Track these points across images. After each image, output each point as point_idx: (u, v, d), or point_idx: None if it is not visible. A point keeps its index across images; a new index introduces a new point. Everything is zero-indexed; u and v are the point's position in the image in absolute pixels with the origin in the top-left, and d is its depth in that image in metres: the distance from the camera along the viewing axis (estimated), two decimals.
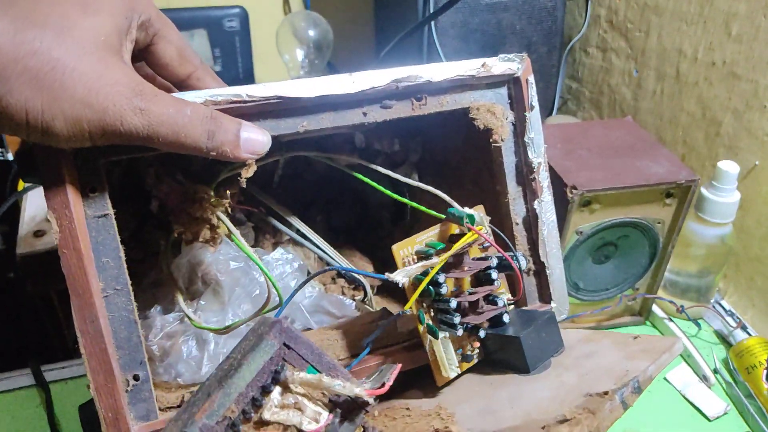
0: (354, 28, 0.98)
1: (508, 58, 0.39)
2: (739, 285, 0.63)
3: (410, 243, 0.35)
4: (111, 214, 0.31)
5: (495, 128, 0.39)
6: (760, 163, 0.58)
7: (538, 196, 0.40)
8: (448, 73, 0.36)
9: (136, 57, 0.32)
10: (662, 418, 0.50)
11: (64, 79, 0.25)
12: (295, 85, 0.33)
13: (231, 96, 0.32)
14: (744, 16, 0.59)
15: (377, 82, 0.35)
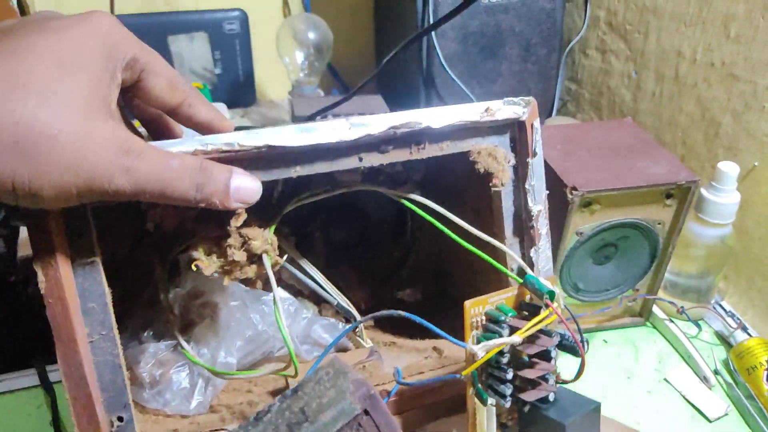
0: (354, 31, 0.99)
1: (514, 102, 0.37)
2: (739, 286, 0.63)
3: (482, 302, 0.35)
4: (97, 260, 0.31)
5: (496, 172, 0.37)
6: (759, 164, 0.59)
7: (536, 244, 0.39)
8: (449, 119, 0.35)
9: (126, 92, 0.32)
10: (662, 419, 0.50)
11: (50, 146, 0.25)
12: (289, 134, 0.32)
13: (222, 145, 0.31)
14: (742, 17, 0.59)
15: (374, 129, 0.33)
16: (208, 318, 0.40)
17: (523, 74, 0.82)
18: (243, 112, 0.91)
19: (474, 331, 0.35)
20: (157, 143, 0.30)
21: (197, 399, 0.38)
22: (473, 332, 0.35)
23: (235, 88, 0.92)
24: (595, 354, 0.57)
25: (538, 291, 0.35)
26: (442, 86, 0.79)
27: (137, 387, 0.38)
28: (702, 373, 0.53)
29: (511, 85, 0.82)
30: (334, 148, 0.33)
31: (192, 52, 0.88)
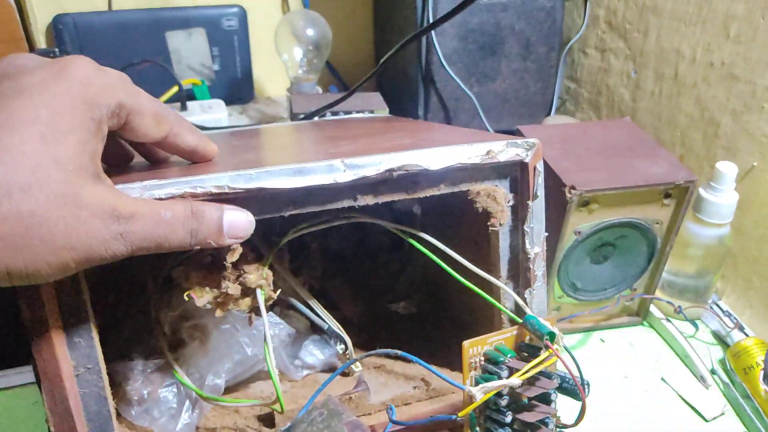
0: (353, 28, 0.98)
1: (517, 144, 0.36)
2: (736, 286, 0.63)
3: (481, 342, 0.34)
4: (84, 297, 0.30)
5: (494, 212, 0.36)
6: (758, 165, 0.59)
7: (530, 285, 0.38)
8: (448, 161, 0.33)
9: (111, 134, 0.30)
10: (659, 419, 0.50)
11: (41, 232, 0.24)
12: (282, 176, 0.31)
13: (212, 188, 0.30)
14: (742, 17, 0.59)
15: (370, 171, 0.32)
16: (198, 340, 0.40)
17: (522, 73, 0.82)
18: (241, 109, 0.91)
19: (472, 372, 0.35)
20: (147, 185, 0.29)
21: (184, 420, 0.38)
22: (471, 373, 0.35)
23: (233, 85, 0.92)
24: (593, 353, 0.57)
25: (538, 332, 0.34)
26: (441, 84, 0.79)
27: (125, 404, 0.38)
28: (699, 373, 0.53)
29: (510, 83, 0.82)
30: (329, 188, 0.32)
31: (190, 48, 0.88)
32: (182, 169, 0.33)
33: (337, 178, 0.32)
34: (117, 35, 0.83)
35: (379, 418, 0.39)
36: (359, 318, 0.49)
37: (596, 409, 0.50)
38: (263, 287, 0.34)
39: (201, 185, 0.30)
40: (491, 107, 0.82)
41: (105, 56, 0.83)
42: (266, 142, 0.48)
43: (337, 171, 0.32)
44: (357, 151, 0.36)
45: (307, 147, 0.42)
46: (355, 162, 0.32)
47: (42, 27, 0.84)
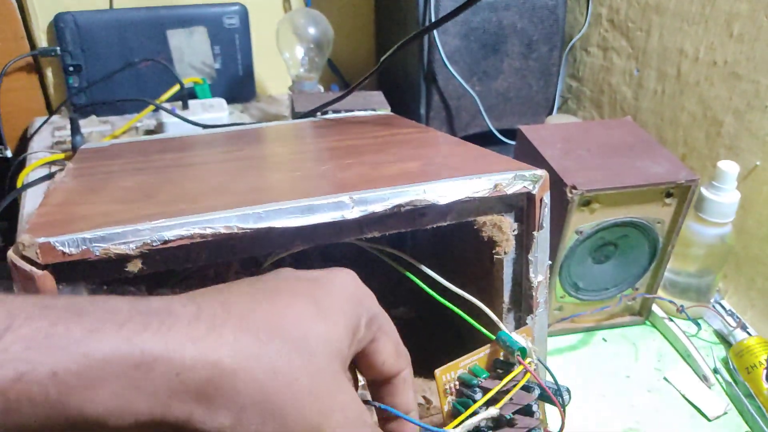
0: (354, 26, 0.98)
1: (525, 178, 0.36)
2: (739, 285, 0.63)
3: (454, 368, 0.34)
4: None
5: (499, 241, 0.37)
6: (761, 164, 0.58)
7: (533, 312, 0.39)
8: (456, 195, 0.34)
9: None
10: (662, 418, 0.50)
11: (296, 401, 0.22)
12: (290, 215, 0.31)
13: (221, 228, 0.29)
14: (746, 16, 0.59)
15: (378, 207, 0.32)
16: None
17: (524, 71, 0.82)
18: (242, 108, 0.91)
19: (449, 398, 0.35)
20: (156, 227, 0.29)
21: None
22: (448, 398, 0.35)
23: (235, 83, 0.92)
24: (595, 353, 0.57)
25: (510, 348, 0.35)
26: (443, 82, 0.79)
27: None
28: (701, 372, 0.53)
29: (511, 82, 0.82)
30: (336, 224, 0.32)
31: (191, 46, 0.88)
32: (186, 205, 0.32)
33: (345, 215, 0.32)
34: (118, 33, 0.83)
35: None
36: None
37: (599, 408, 0.50)
38: None
39: (210, 225, 0.29)
40: (493, 106, 0.82)
41: (106, 55, 0.83)
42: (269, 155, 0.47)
43: (346, 208, 0.32)
44: (363, 177, 0.35)
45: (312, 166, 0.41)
46: (363, 197, 0.32)
47: (43, 25, 0.83)
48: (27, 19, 0.82)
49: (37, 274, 0.28)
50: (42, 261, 0.27)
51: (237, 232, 0.30)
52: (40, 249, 0.27)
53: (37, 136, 0.79)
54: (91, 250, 0.28)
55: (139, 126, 0.80)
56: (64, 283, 0.29)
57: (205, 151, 0.49)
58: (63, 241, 0.28)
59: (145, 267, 0.30)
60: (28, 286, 0.28)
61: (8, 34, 0.80)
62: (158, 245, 0.29)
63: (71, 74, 0.82)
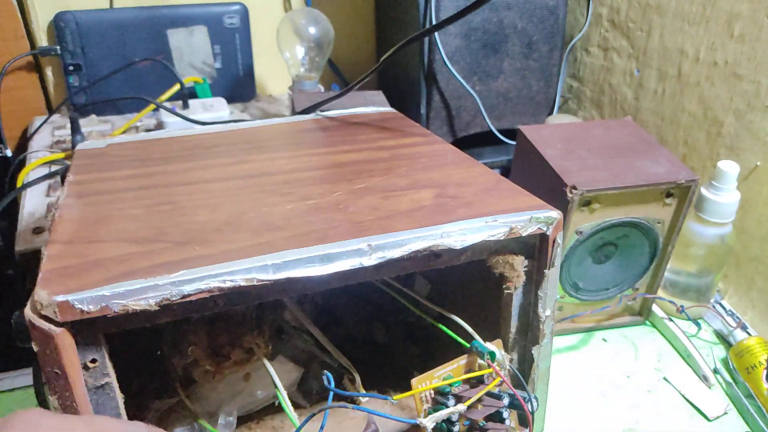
0: (355, 26, 0.98)
1: (540, 220, 0.36)
2: (739, 285, 0.63)
3: (429, 377, 0.35)
4: (111, 381, 0.30)
5: (510, 278, 0.37)
6: (761, 164, 0.58)
7: (539, 342, 0.39)
8: (473, 240, 0.34)
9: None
10: (662, 418, 0.50)
11: None
12: (309, 266, 0.31)
13: (241, 281, 0.30)
14: (746, 16, 0.59)
15: (397, 253, 0.32)
16: (209, 381, 0.40)
17: (525, 71, 0.82)
18: (242, 107, 0.91)
19: (425, 405, 0.36)
20: (176, 281, 0.29)
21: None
22: (424, 406, 0.36)
23: (235, 83, 0.92)
24: (595, 353, 0.57)
25: (481, 353, 0.36)
26: (443, 82, 0.79)
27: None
28: (701, 372, 0.53)
29: (512, 82, 0.82)
30: (354, 270, 0.32)
31: (192, 46, 0.87)
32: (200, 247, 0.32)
33: (363, 262, 0.32)
34: (118, 33, 0.83)
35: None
36: (362, 334, 0.49)
37: (599, 408, 0.50)
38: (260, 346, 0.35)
39: (231, 278, 0.29)
40: (493, 106, 0.82)
41: (106, 54, 0.83)
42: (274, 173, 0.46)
43: (364, 255, 0.32)
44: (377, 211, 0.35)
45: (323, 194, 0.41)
46: (380, 244, 0.32)
47: (43, 24, 0.83)
48: (27, 19, 0.82)
49: (56, 332, 0.28)
50: (60, 319, 0.27)
51: (256, 284, 0.30)
52: (58, 308, 0.27)
53: (37, 135, 0.79)
54: (110, 307, 0.28)
55: (139, 125, 0.80)
56: (81, 336, 0.29)
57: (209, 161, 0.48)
58: (81, 299, 0.28)
59: (162, 318, 0.30)
60: (47, 345, 0.28)
61: (8, 34, 0.80)
62: (178, 299, 0.29)
63: (71, 73, 0.82)
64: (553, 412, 0.49)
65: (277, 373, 0.40)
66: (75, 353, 0.29)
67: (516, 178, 0.40)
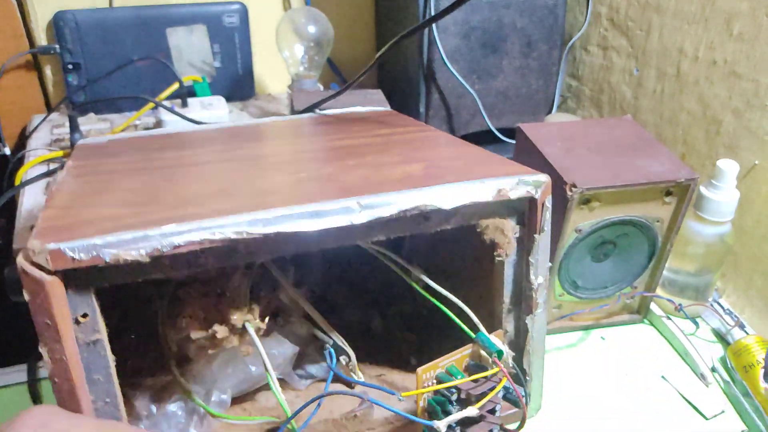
0: (354, 25, 0.98)
1: (527, 183, 0.36)
2: (737, 284, 0.63)
3: (434, 367, 0.36)
4: (102, 338, 0.31)
5: (501, 244, 0.37)
6: (760, 163, 0.58)
7: (533, 312, 0.39)
8: (460, 200, 0.34)
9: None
10: (659, 417, 0.50)
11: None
12: (299, 220, 0.31)
13: (231, 234, 0.30)
14: (745, 15, 0.59)
15: (385, 212, 0.32)
16: (204, 358, 0.41)
17: (524, 70, 0.82)
18: (242, 106, 0.91)
19: (425, 395, 0.36)
20: (165, 232, 0.29)
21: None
22: (424, 395, 0.36)
23: (234, 82, 0.92)
24: (593, 351, 0.57)
25: (488, 349, 0.36)
26: (443, 81, 0.79)
27: (134, 419, 0.38)
28: (699, 371, 0.53)
29: (511, 81, 0.82)
30: (344, 228, 0.33)
31: (191, 45, 0.87)
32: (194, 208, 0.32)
33: (352, 220, 0.32)
34: (118, 32, 0.83)
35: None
36: (358, 322, 0.49)
37: (597, 406, 0.50)
38: (250, 321, 0.35)
39: (220, 231, 0.30)
40: (493, 105, 0.82)
41: (105, 53, 0.83)
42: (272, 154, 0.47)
43: (353, 212, 0.32)
44: (368, 180, 0.36)
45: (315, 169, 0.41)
46: (369, 202, 0.32)
47: (43, 23, 0.83)
48: (26, 17, 0.82)
49: (47, 280, 0.28)
50: (52, 267, 0.28)
51: (246, 237, 0.30)
52: (50, 255, 0.27)
53: (36, 133, 0.79)
54: (101, 257, 0.28)
55: (138, 124, 0.80)
56: (72, 288, 0.29)
57: (206, 148, 0.49)
58: (73, 248, 0.28)
59: (153, 272, 0.30)
60: (38, 293, 0.28)
61: (7, 32, 0.80)
62: (168, 251, 0.29)
63: (70, 72, 0.82)
64: (551, 410, 0.49)
65: (273, 349, 0.40)
66: (66, 304, 0.29)
67: None
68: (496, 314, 0.40)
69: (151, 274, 0.30)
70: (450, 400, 0.35)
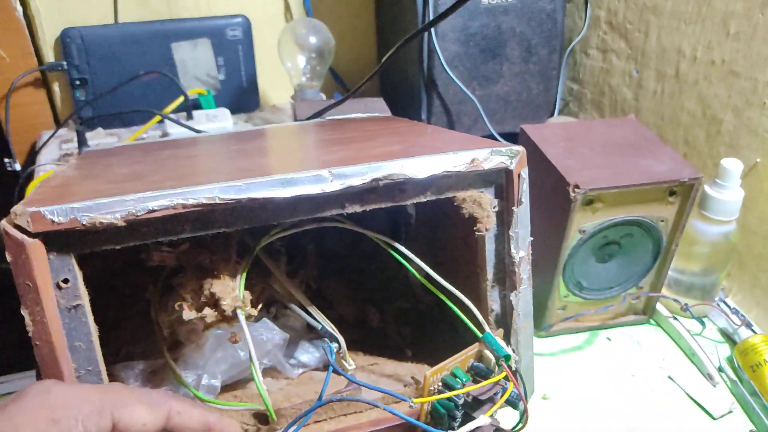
0: (355, 34, 0.99)
1: (501, 153, 0.37)
2: (743, 283, 0.62)
3: (441, 370, 0.36)
4: (83, 304, 0.31)
5: (480, 218, 0.37)
6: (761, 161, 0.59)
7: (516, 288, 0.39)
8: (433, 170, 0.35)
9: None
10: (666, 417, 0.50)
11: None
12: (270, 186, 0.32)
13: (203, 199, 0.31)
14: (742, 14, 0.59)
15: (357, 180, 0.33)
16: (194, 342, 0.41)
17: (525, 75, 0.83)
18: (246, 117, 0.92)
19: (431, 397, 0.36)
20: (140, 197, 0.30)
21: None
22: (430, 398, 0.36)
23: (239, 94, 0.93)
24: (599, 352, 0.57)
25: (495, 352, 0.36)
26: (443, 88, 0.80)
27: None
28: (706, 371, 0.53)
29: (512, 86, 0.83)
30: (317, 198, 0.33)
31: (195, 58, 0.89)
32: (174, 182, 0.33)
33: (324, 188, 0.33)
34: (123, 47, 0.84)
35: (370, 415, 0.39)
36: (354, 317, 0.49)
37: (603, 407, 0.50)
38: (241, 308, 0.35)
39: (193, 196, 0.31)
40: (494, 110, 0.83)
41: (111, 68, 0.84)
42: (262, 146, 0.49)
43: (325, 181, 0.33)
44: (347, 158, 0.36)
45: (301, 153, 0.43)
46: (341, 172, 0.33)
47: (50, 41, 0.85)
48: (35, 35, 0.84)
49: (28, 242, 0.29)
50: (33, 229, 0.29)
51: (218, 203, 0.31)
52: (31, 217, 0.29)
53: (45, 149, 0.81)
54: (78, 219, 0.30)
55: (145, 137, 0.81)
56: (54, 252, 0.30)
57: (205, 147, 0.50)
58: (52, 210, 0.29)
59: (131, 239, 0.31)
60: (20, 255, 0.29)
61: (17, 51, 0.82)
62: (143, 214, 0.30)
63: (78, 88, 0.84)
64: (557, 411, 0.49)
65: (262, 335, 0.41)
66: (47, 267, 0.30)
67: None
68: (481, 292, 0.40)
69: (129, 240, 0.31)
70: (457, 404, 0.35)
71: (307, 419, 0.34)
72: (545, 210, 0.54)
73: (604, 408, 0.50)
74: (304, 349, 0.44)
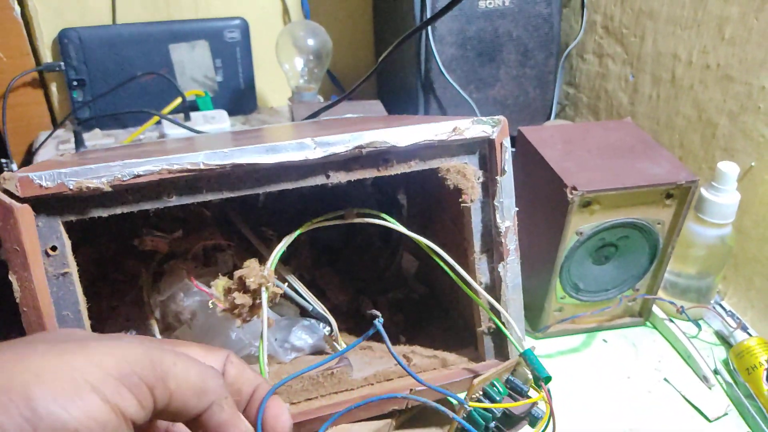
0: (353, 37, 0.99)
1: (483, 121, 0.37)
2: (738, 286, 0.63)
3: (487, 380, 0.36)
4: (71, 272, 0.32)
5: (465, 189, 0.38)
6: (756, 164, 0.59)
7: (504, 259, 0.39)
8: (415, 138, 0.35)
9: None
10: (662, 419, 0.50)
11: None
12: (254, 153, 0.32)
13: (187, 164, 0.31)
14: (736, 19, 0.60)
15: (340, 148, 0.34)
16: (185, 324, 0.41)
17: (521, 79, 0.83)
18: (244, 119, 0.92)
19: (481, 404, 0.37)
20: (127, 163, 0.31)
21: None
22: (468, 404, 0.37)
23: (237, 96, 0.93)
24: (595, 354, 0.57)
25: (536, 372, 0.36)
26: (440, 91, 0.80)
27: None
28: (702, 373, 0.53)
29: (509, 89, 0.83)
30: (301, 166, 0.34)
31: (193, 60, 0.89)
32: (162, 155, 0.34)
33: (308, 155, 0.33)
34: (121, 48, 0.84)
35: (361, 392, 0.40)
36: (347, 306, 0.50)
37: (599, 409, 0.50)
38: (265, 285, 0.35)
39: (178, 162, 0.31)
40: (491, 113, 0.82)
41: (109, 69, 0.84)
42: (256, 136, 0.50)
43: (308, 148, 0.33)
44: (332, 132, 0.37)
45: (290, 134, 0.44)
46: (325, 140, 0.34)
47: (48, 41, 0.85)
48: (32, 36, 0.84)
49: (16, 207, 0.30)
50: (21, 194, 0.30)
51: (203, 169, 0.32)
52: (19, 182, 0.30)
53: (42, 149, 0.80)
54: (65, 184, 0.30)
55: (142, 138, 0.81)
56: (42, 217, 0.31)
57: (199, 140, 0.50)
58: (40, 176, 0.30)
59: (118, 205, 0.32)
60: (8, 219, 0.30)
61: (14, 51, 0.82)
62: (128, 179, 0.31)
63: (75, 89, 0.84)
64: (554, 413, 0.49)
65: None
66: (35, 233, 0.31)
67: (515, 179, 0.41)
68: (469, 265, 0.40)
69: (116, 206, 0.32)
70: (495, 416, 0.35)
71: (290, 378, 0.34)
72: (542, 211, 0.54)
73: (600, 410, 0.50)
74: (297, 335, 0.44)
